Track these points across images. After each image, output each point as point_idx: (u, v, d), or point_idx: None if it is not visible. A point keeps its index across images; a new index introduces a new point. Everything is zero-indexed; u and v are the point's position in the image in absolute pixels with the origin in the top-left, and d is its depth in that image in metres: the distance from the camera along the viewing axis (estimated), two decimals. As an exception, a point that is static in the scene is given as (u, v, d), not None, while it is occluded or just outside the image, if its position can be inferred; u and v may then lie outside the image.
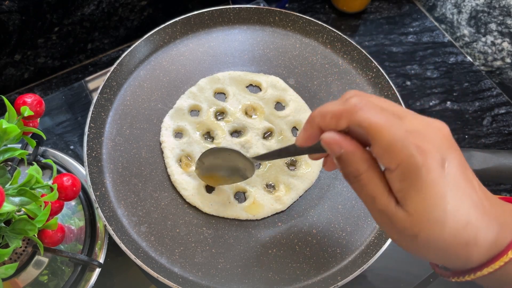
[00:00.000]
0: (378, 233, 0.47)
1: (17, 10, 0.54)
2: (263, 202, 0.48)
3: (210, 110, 0.53)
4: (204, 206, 0.47)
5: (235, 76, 0.55)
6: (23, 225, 0.35)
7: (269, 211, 0.48)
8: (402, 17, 0.73)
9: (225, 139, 0.51)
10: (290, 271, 0.45)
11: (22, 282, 0.44)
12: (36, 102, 0.39)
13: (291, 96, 0.55)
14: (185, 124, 0.52)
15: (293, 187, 0.49)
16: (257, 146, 0.51)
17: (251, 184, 0.49)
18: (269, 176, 0.50)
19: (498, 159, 0.48)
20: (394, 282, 0.51)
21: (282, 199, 0.48)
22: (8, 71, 0.60)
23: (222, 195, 0.48)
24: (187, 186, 0.48)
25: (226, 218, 0.47)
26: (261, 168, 0.50)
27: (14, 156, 0.36)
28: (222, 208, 0.47)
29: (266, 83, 0.55)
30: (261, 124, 0.52)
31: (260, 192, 0.49)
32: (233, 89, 0.55)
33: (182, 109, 0.53)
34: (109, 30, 0.65)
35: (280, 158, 0.39)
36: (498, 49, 0.66)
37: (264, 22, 0.60)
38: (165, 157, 0.50)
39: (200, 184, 0.48)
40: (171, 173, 0.49)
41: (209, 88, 0.54)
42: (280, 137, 0.52)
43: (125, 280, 0.49)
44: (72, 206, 0.50)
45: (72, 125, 0.60)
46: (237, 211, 0.47)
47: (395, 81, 0.67)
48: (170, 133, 0.51)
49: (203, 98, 0.54)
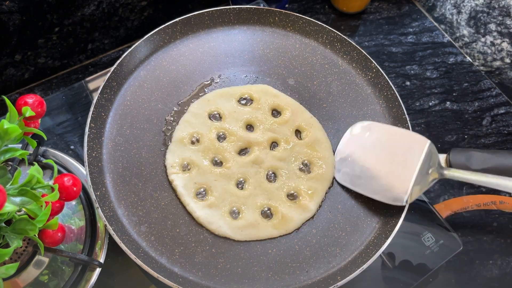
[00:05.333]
0: (378, 233, 0.47)
1: (18, 10, 0.54)
2: (291, 215, 0.47)
3: (211, 134, 0.51)
4: (235, 235, 0.46)
5: (224, 93, 0.54)
6: (24, 225, 0.35)
7: (299, 222, 0.47)
8: (402, 17, 0.74)
9: (234, 160, 0.50)
10: (290, 271, 0.45)
11: (22, 282, 0.44)
12: (38, 102, 0.39)
13: (285, 100, 0.54)
14: (189, 155, 0.50)
15: (314, 191, 0.49)
16: (267, 159, 0.50)
17: (273, 199, 0.48)
18: (288, 185, 0.49)
19: (498, 159, 0.48)
20: (394, 282, 0.51)
21: (308, 206, 0.48)
22: (8, 71, 0.61)
23: (249, 219, 0.47)
24: (212, 220, 0.46)
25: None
26: (277, 179, 0.50)
27: (15, 156, 0.36)
28: (253, 231, 0.46)
29: (257, 93, 0.54)
30: (265, 136, 0.51)
31: (285, 205, 0.48)
32: (226, 107, 0.53)
33: (182, 140, 0.51)
34: (109, 30, 0.65)
35: None
36: (498, 49, 0.66)
37: (264, 23, 0.60)
38: (180, 196, 0.48)
39: (224, 213, 0.47)
40: (192, 210, 0.47)
41: (202, 112, 0.53)
42: (288, 146, 0.51)
43: (125, 280, 0.50)
44: (72, 206, 0.50)
45: (72, 125, 0.60)
46: (269, 231, 0.46)
47: (395, 81, 0.67)
48: (177, 169, 0.49)
49: (200, 123, 0.52)
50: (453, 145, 0.62)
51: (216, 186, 0.48)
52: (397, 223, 0.46)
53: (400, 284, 0.51)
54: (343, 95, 0.56)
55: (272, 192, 0.48)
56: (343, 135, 0.53)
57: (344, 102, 0.55)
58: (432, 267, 0.52)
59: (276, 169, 0.50)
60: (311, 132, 0.52)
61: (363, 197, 0.49)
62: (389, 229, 0.46)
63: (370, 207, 0.49)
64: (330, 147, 0.52)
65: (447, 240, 0.53)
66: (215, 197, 0.48)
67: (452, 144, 0.62)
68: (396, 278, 0.51)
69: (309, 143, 0.51)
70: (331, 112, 0.55)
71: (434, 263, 0.52)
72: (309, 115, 0.54)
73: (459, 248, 0.52)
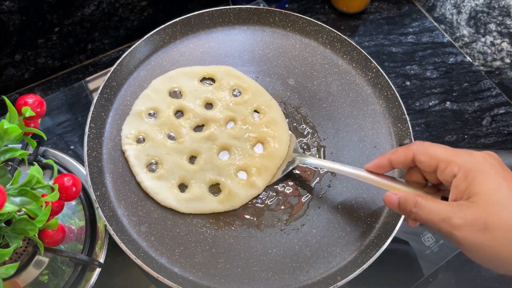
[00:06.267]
0: (378, 233, 0.47)
1: (18, 10, 0.54)
2: (237, 191, 0.48)
3: (169, 110, 0.52)
4: (181, 207, 0.47)
5: (187, 72, 0.55)
6: (24, 225, 0.35)
7: (245, 198, 0.48)
8: (402, 17, 0.74)
9: (189, 135, 0.50)
10: (290, 271, 0.45)
11: (22, 282, 0.44)
12: (38, 102, 0.39)
13: (247, 82, 0.55)
14: (145, 129, 0.51)
15: (264, 169, 0.49)
16: (222, 137, 0.51)
17: (223, 175, 0.49)
18: (239, 163, 0.50)
19: (498, 159, 0.48)
20: (394, 282, 0.51)
21: (255, 183, 0.48)
22: (8, 71, 0.61)
23: (196, 192, 0.48)
24: (159, 190, 0.47)
25: (205, 214, 0.47)
26: (230, 156, 0.50)
27: (15, 156, 0.36)
28: (198, 205, 0.47)
29: (219, 74, 0.55)
30: (222, 114, 0.52)
31: (233, 181, 0.48)
32: (187, 85, 0.54)
33: (139, 113, 0.52)
34: (109, 30, 0.65)
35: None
36: (498, 49, 0.66)
37: (264, 23, 0.60)
38: (131, 166, 0.49)
39: (172, 186, 0.48)
40: (140, 180, 0.48)
41: (163, 88, 0.54)
42: (244, 126, 0.52)
43: (125, 280, 0.50)
44: (72, 206, 0.50)
45: (72, 125, 0.60)
46: (214, 205, 0.47)
47: (395, 81, 0.67)
48: (132, 140, 0.50)
49: (159, 99, 0.53)
50: (453, 145, 0.61)
51: (168, 159, 0.49)
52: (397, 223, 0.46)
53: (400, 284, 0.51)
54: (343, 95, 0.56)
55: (222, 168, 0.49)
56: (343, 135, 0.53)
57: (344, 102, 0.55)
58: (432, 267, 0.52)
59: (229, 146, 0.50)
60: (269, 113, 0.53)
61: (363, 197, 0.49)
62: (389, 229, 0.46)
63: (370, 207, 0.49)
64: (286, 128, 0.52)
65: (447, 240, 0.53)
66: (165, 170, 0.48)
67: (452, 144, 0.61)
68: (396, 278, 0.51)
69: (266, 123, 0.52)
70: (331, 112, 0.55)
71: (434, 263, 0.52)
72: (269, 97, 0.54)
73: (459, 248, 0.52)
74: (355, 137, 0.53)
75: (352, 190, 0.50)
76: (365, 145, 0.52)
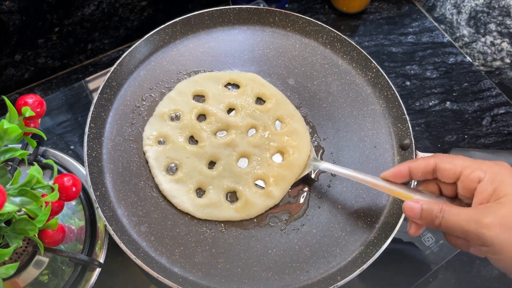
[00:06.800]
0: (378, 233, 0.47)
1: (18, 10, 0.54)
2: (254, 200, 0.48)
3: (191, 113, 0.52)
4: (197, 212, 0.47)
5: (212, 76, 0.55)
6: (24, 225, 0.35)
7: (262, 208, 0.48)
8: (402, 17, 0.74)
9: (209, 140, 0.50)
10: (290, 271, 0.45)
11: (22, 282, 0.44)
12: (38, 102, 0.39)
13: (272, 91, 0.55)
14: (167, 131, 0.51)
15: (281, 178, 0.49)
16: (242, 144, 0.50)
17: (241, 183, 0.49)
18: (257, 172, 0.49)
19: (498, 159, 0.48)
20: (394, 282, 0.51)
21: (272, 193, 0.48)
22: (8, 71, 0.61)
23: (213, 199, 0.48)
24: (176, 194, 0.47)
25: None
26: (249, 164, 0.50)
27: (15, 156, 0.36)
28: (214, 211, 0.47)
29: (245, 80, 0.55)
30: (244, 121, 0.52)
31: (251, 190, 0.48)
32: (212, 89, 0.54)
33: (162, 115, 0.52)
34: (109, 30, 0.65)
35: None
36: (498, 49, 0.66)
37: (264, 23, 0.60)
38: (151, 167, 0.49)
39: (189, 190, 0.48)
40: (159, 182, 0.48)
41: (187, 91, 0.54)
42: (265, 133, 0.51)
43: (125, 280, 0.50)
44: (72, 206, 0.50)
45: (72, 125, 0.60)
46: (230, 213, 0.47)
47: (395, 81, 0.67)
48: (153, 141, 0.50)
49: (183, 102, 0.53)
50: (453, 145, 0.61)
51: (187, 163, 0.49)
52: (397, 223, 0.46)
53: (400, 284, 0.51)
54: (343, 95, 0.56)
55: (240, 176, 0.49)
56: (343, 135, 0.53)
57: (344, 102, 0.55)
58: (432, 267, 0.52)
59: (249, 154, 0.50)
60: (291, 123, 0.52)
61: (363, 197, 0.49)
62: (389, 229, 0.46)
63: (370, 207, 0.49)
64: (307, 139, 0.52)
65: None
66: (184, 173, 0.48)
67: (452, 144, 0.62)
68: (396, 278, 0.51)
69: (287, 133, 0.52)
70: (331, 112, 0.55)
71: (434, 263, 0.52)
72: (292, 108, 0.54)
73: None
74: (355, 137, 0.53)
75: (352, 190, 0.50)
76: (365, 145, 0.52)
